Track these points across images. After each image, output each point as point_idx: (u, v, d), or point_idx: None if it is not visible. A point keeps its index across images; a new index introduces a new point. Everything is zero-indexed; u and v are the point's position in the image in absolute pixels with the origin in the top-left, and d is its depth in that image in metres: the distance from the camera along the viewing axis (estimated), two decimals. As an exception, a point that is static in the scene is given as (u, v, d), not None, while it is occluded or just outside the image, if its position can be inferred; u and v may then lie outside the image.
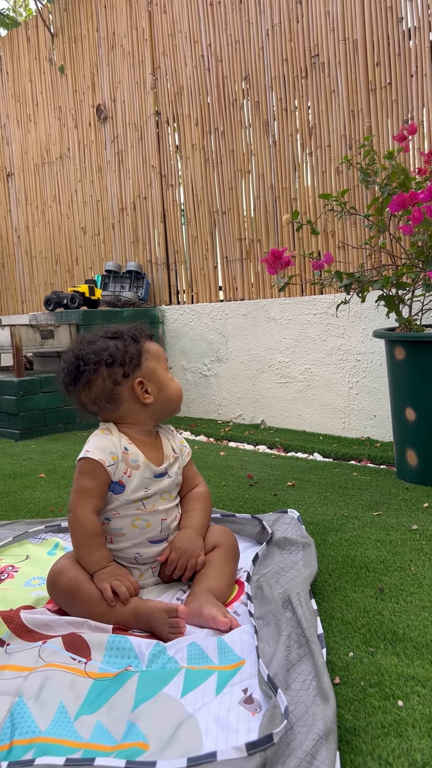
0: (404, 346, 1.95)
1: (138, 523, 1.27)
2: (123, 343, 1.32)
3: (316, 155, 2.91)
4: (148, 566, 1.30)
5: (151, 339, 1.39)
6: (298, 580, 1.22)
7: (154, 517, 1.29)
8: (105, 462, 1.24)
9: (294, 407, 3.04)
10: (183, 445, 1.42)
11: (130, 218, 3.92)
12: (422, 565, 1.38)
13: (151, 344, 1.37)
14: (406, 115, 2.58)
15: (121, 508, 1.26)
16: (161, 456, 1.33)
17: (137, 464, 1.27)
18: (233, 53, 3.21)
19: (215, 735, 0.83)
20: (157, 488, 1.30)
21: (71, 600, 1.17)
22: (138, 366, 1.31)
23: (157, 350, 1.36)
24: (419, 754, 0.81)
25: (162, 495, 1.31)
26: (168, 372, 1.38)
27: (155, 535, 1.29)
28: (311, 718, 0.84)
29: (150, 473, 1.29)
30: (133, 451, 1.28)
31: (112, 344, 1.30)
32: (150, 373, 1.33)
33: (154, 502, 1.29)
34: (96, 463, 1.23)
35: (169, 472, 1.33)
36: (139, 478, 1.27)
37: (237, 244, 3.30)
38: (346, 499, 1.90)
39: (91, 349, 1.30)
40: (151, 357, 1.34)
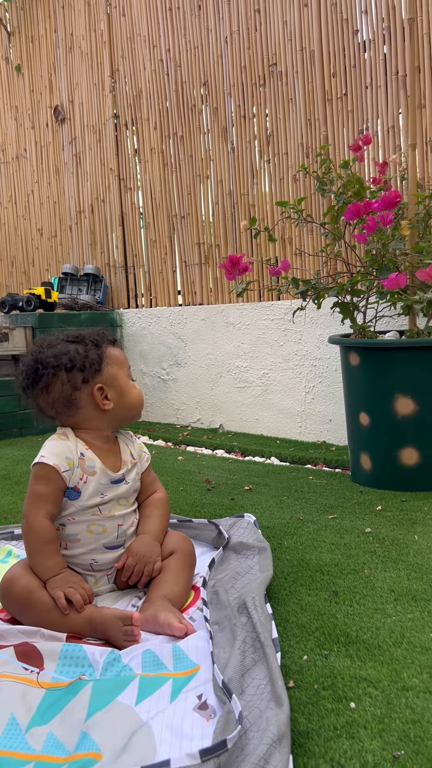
0: (358, 353, 1.98)
1: (94, 528, 1.26)
2: (84, 347, 1.30)
3: (273, 162, 2.94)
4: (104, 573, 1.29)
5: (114, 344, 1.38)
6: (254, 585, 1.23)
7: (111, 523, 1.28)
8: (60, 468, 1.22)
9: (252, 412, 3.06)
10: (142, 451, 1.41)
11: (88, 221, 3.89)
12: (375, 568, 1.41)
13: (113, 350, 1.35)
14: (361, 125, 2.63)
15: (77, 514, 1.25)
16: (119, 462, 1.32)
17: (93, 470, 1.26)
18: (192, 59, 3.22)
19: (169, 742, 0.83)
20: (113, 494, 1.29)
21: (24, 609, 1.15)
22: (98, 371, 1.30)
23: (119, 356, 1.35)
24: (370, 755, 0.83)
25: (119, 501, 1.30)
26: (129, 378, 1.36)
27: (111, 540, 1.28)
28: (265, 722, 0.84)
29: (107, 479, 1.28)
30: (89, 456, 1.27)
31: (72, 348, 1.29)
32: (110, 379, 1.31)
33: (111, 508, 1.28)
34: (51, 469, 1.22)
35: (127, 478, 1.32)
36: (95, 484, 1.26)
37: (196, 248, 3.31)
38: (302, 502, 1.92)
39: (51, 352, 1.28)
40: (112, 363, 1.32)
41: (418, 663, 1.03)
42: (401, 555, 1.47)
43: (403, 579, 1.35)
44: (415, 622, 1.17)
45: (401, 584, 1.32)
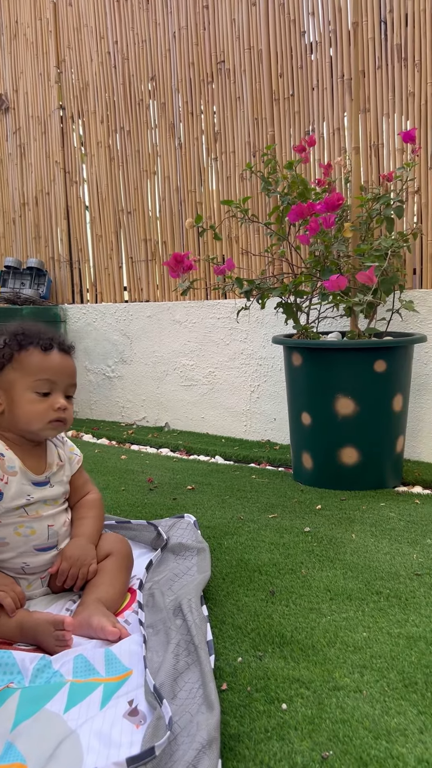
0: (301, 353, 2.00)
1: (22, 530, 1.22)
2: (26, 336, 1.24)
3: (221, 160, 2.93)
4: (37, 576, 1.26)
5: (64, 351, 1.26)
6: (191, 587, 1.22)
7: (39, 524, 1.24)
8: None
9: (198, 410, 3.05)
10: (73, 453, 1.38)
11: (32, 213, 3.80)
12: (312, 567, 1.42)
13: (34, 357, 1.22)
14: (307, 126, 2.65)
15: (3, 517, 1.21)
16: (43, 464, 1.29)
17: (14, 471, 1.22)
18: (140, 53, 3.18)
19: (97, 751, 0.81)
20: (39, 496, 1.25)
21: None
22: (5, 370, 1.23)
23: (34, 364, 1.22)
24: (300, 756, 0.83)
25: (46, 502, 1.27)
26: (37, 392, 1.22)
27: (42, 542, 1.25)
28: (195, 727, 0.84)
29: (28, 481, 1.24)
30: (9, 457, 1.22)
31: (12, 335, 1.24)
32: (6, 383, 1.23)
33: (38, 509, 1.25)
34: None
35: (52, 480, 1.29)
36: (17, 485, 1.22)
37: (142, 244, 3.28)
38: (244, 502, 1.93)
39: None
40: (19, 368, 1.22)
41: (350, 662, 1.05)
42: (338, 554, 1.49)
43: (339, 578, 1.36)
44: (349, 621, 1.18)
45: (337, 583, 1.34)
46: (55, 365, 1.24)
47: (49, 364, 1.23)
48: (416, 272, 2.36)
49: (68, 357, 1.28)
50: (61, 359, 1.25)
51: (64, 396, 1.25)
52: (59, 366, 1.24)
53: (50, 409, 1.22)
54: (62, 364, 1.25)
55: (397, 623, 1.17)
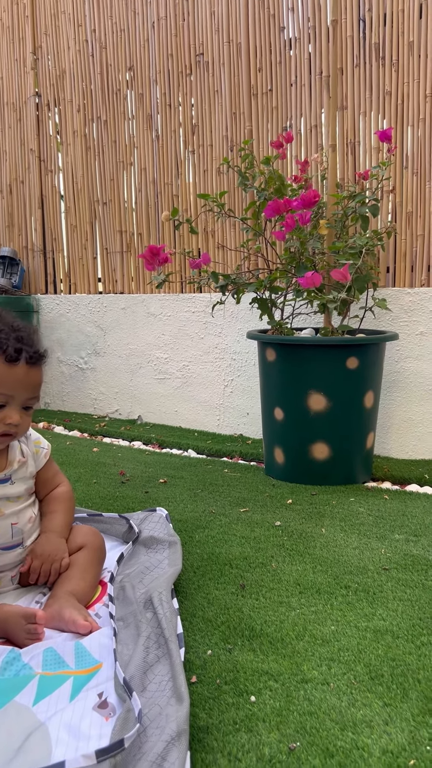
0: (275, 348, 2.01)
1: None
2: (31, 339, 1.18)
3: (198, 153, 2.92)
4: (6, 574, 1.25)
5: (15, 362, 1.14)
6: (162, 580, 1.22)
7: (3, 522, 1.21)
8: None
9: (171, 403, 3.05)
10: (39, 447, 1.33)
11: (6, 201, 3.74)
12: (282, 561, 1.44)
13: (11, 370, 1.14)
14: (285, 122, 2.65)
15: None
16: (2, 461, 1.24)
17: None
18: (118, 42, 3.15)
19: (66, 743, 0.81)
20: (1, 494, 1.22)
21: None
22: None
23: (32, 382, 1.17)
24: (267, 748, 0.84)
25: (9, 499, 1.24)
26: None
27: (6, 541, 1.22)
28: (165, 719, 0.84)
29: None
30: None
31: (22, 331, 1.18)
32: None
33: (1, 507, 1.22)
34: None
35: (13, 477, 1.25)
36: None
37: (118, 236, 3.26)
38: (216, 495, 1.94)
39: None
40: None
41: (318, 655, 1.06)
42: (308, 548, 1.51)
43: (308, 572, 1.38)
44: (317, 614, 1.20)
45: (306, 577, 1.35)
46: (18, 379, 1.14)
47: (11, 378, 1.14)
48: (389, 270, 2.39)
49: (36, 369, 1.18)
50: (26, 373, 1.15)
51: (23, 407, 1.18)
52: (22, 380, 1.15)
53: (1, 422, 1.15)
54: (26, 378, 1.16)
55: (364, 617, 1.19)
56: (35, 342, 1.20)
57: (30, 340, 1.19)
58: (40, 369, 1.20)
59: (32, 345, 1.18)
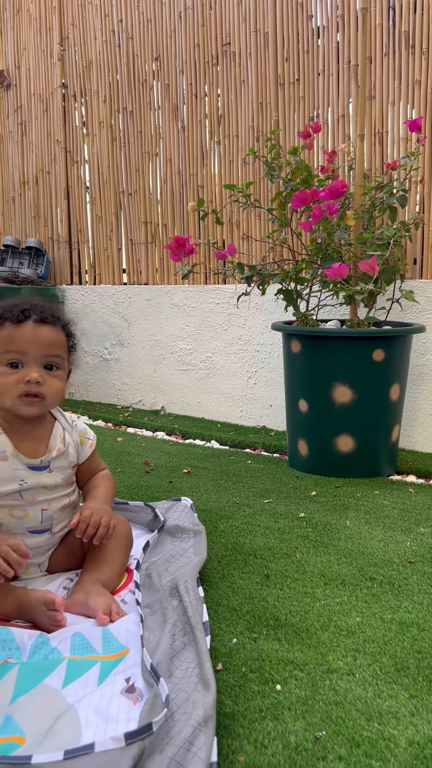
0: (300, 340, 2.00)
1: (15, 513, 1.21)
2: (5, 309, 1.18)
3: (224, 144, 2.91)
4: (33, 561, 1.26)
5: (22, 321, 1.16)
6: (187, 568, 1.23)
7: (33, 508, 1.22)
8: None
9: (194, 394, 3.05)
10: (85, 437, 1.32)
11: (32, 192, 3.77)
12: (307, 552, 1.44)
13: (6, 329, 1.16)
14: (312, 112, 2.63)
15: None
16: (42, 448, 1.23)
17: (4, 455, 1.19)
18: (145, 32, 3.14)
19: (95, 726, 0.83)
20: (35, 481, 1.21)
21: None
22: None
23: (4, 337, 1.16)
24: (293, 735, 0.85)
25: (45, 487, 1.23)
26: (4, 366, 1.16)
27: (35, 525, 1.23)
28: (191, 705, 0.85)
29: (22, 465, 1.20)
30: (1, 440, 1.19)
31: (1, 307, 1.19)
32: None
33: (34, 494, 1.21)
34: None
35: (51, 465, 1.24)
36: (9, 470, 1.19)
37: (143, 227, 3.26)
38: (239, 486, 1.94)
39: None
40: None
41: (343, 646, 1.06)
42: (332, 540, 1.51)
43: (333, 563, 1.38)
44: (342, 606, 1.20)
45: (331, 569, 1.35)
46: (25, 336, 1.16)
47: (19, 335, 1.16)
48: (417, 262, 2.37)
49: (46, 327, 1.18)
50: (33, 329, 1.17)
51: (42, 367, 1.18)
52: (30, 336, 1.16)
53: (20, 381, 1.15)
54: (35, 334, 1.16)
55: (390, 609, 1.19)
56: (48, 309, 1.21)
57: (41, 306, 1.20)
58: (52, 328, 1.20)
59: (42, 310, 1.20)
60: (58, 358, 1.20)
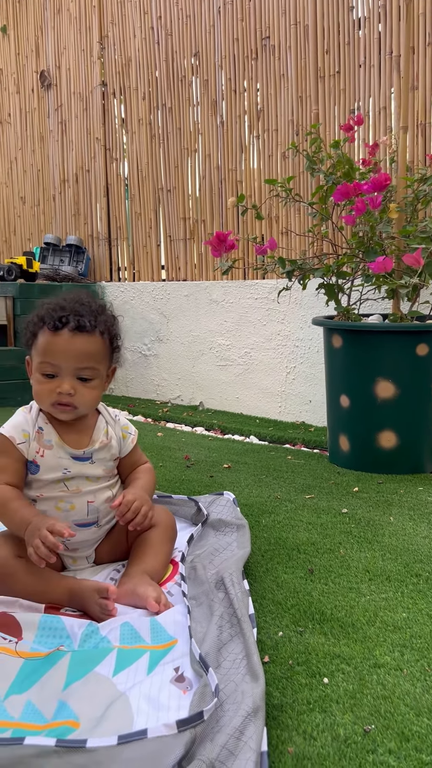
0: (341, 335, 1.99)
1: (62, 505, 1.23)
2: (48, 312, 1.20)
3: (263, 138, 2.91)
4: (82, 553, 1.28)
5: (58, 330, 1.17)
6: (231, 561, 1.24)
7: (79, 499, 1.24)
8: (15, 439, 1.21)
9: (232, 390, 3.06)
10: (127, 432, 1.34)
11: (72, 190, 3.82)
12: (351, 548, 1.43)
13: (43, 337, 1.18)
14: (353, 104, 2.61)
15: (44, 489, 1.23)
16: (85, 439, 1.26)
17: (50, 444, 1.23)
18: (184, 28, 3.15)
19: (146, 713, 0.84)
20: (78, 471, 1.24)
21: (2, 583, 1.14)
22: (31, 345, 1.22)
23: (40, 346, 1.18)
24: (342, 728, 0.85)
25: (88, 478, 1.26)
26: (42, 373, 1.19)
27: (82, 518, 1.25)
28: (240, 695, 0.86)
29: (66, 454, 1.24)
30: (47, 431, 1.23)
31: (46, 308, 1.21)
32: (31, 360, 1.24)
33: (78, 484, 1.24)
34: (6, 440, 1.21)
35: (94, 457, 1.27)
36: (53, 458, 1.22)
37: (181, 223, 3.28)
38: (280, 482, 1.94)
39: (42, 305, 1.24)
40: (34, 347, 1.22)
41: (390, 641, 1.06)
42: (376, 536, 1.50)
43: (377, 559, 1.37)
44: (388, 601, 1.19)
45: (376, 564, 1.35)
46: (60, 347, 1.17)
47: (53, 347, 1.17)
48: (460, 256, 2.32)
49: (82, 337, 1.18)
50: (68, 340, 1.17)
51: (77, 378, 1.19)
52: (64, 348, 1.17)
53: (53, 391, 1.18)
54: (69, 345, 1.17)
55: (436, 605, 1.18)
56: (89, 312, 1.20)
57: (82, 310, 1.20)
58: (89, 337, 1.19)
59: (82, 315, 1.19)
60: (92, 370, 1.21)
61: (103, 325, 1.22)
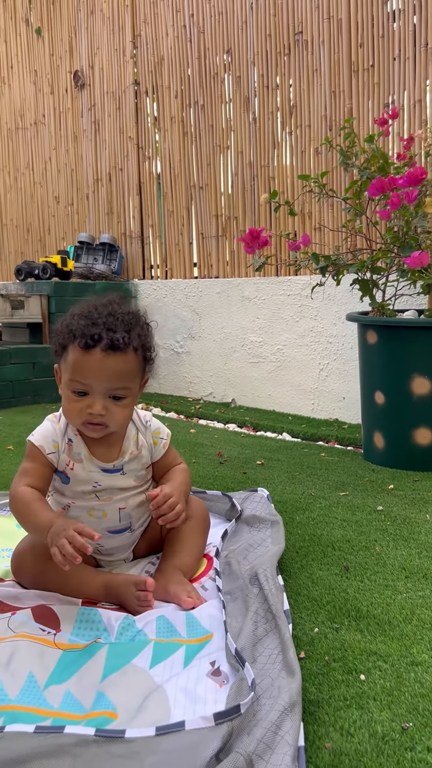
0: (376, 331, 1.97)
1: (94, 513, 1.23)
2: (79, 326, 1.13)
3: (296, 134, 2.89)
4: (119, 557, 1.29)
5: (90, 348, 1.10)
6: (266, 557, 1.24)
7: (111, 507, 1.23)
8: (45, 449, 1.19)
9: (265, 387, 3.06)
10: (158, 437, 1.29)
11: (105, 189, 3.85)
12: (386, 545, 1.42)
13: (74, 354, 1.12)
14: (387, 98, 2.57)
15: (76, 498, 1.22)
16: (115, 452, 1.22)
17: (80, 458, 1.20)
18: (216, 25, 3.16)
19: (183, 705, 0.85)
20: (109, 484, 1.22)
21: (38, 581, 1.16)
22: (60, 355, 1.17)
23: (71, 362, 1.13)
24: (380, 725, 0.84)
25: (120, 489, 1.24)
26: (72, 391, 1.14)
27: (114, 525, 1.25)
28: (277, 690, 0.86)
29: (96, 468, 1.21)
30: (77, 443, 1.20)
31: (77, 320, 1.14)
32: (60, 373, 1.19)
33: (110, 494, 1.23)
34: (35, 449, 1.19)
35: (125, 468, 1.23)
36: (84, 472, 1.20)
37: (213, 220, 3.28)
38: (314, 479, 1.93)
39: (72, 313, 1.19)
40: (64, 362, 1.16)
41: (427, 639, 1.05)
42: (413, 533, 1.48)
43: (414, 557, 1.36)
44: (425, 599, 1.18)
45: (412, 562, 1.33)
46: (91, 367, 1.11)
47: (85, 366, 1.11)
48: None
49: (115, 357, 1.11)
50: (101, 360, 1.10)
51: (109, 397, 1.14)
52: (96, 368, 1.11)
53: (83, 411, 1.13)
54: (101, 365, 1.11)
55: None
56: (123, 327, 1.13)
57: (115, 326, 1.12)
58: (121, 357, 1.12)
59: (115, 331, 1.12)
60: (125, 390, 1.15)
61: (137, 339, 1.15)
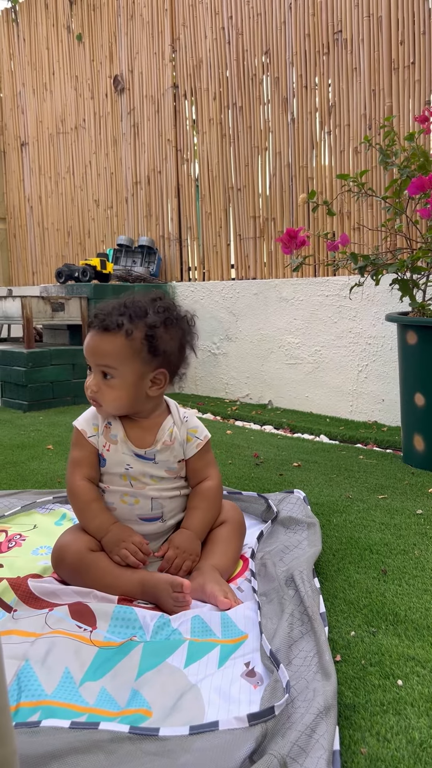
0: (417, 331, 1.94)
1: (127, 499, 1.26)
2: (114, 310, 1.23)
3: (334, 134, 2.87)
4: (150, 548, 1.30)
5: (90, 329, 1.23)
6: (302, 559, 1.23)
7: (143, 494, 1.26)
8: (86, 432, 1.26)
9: (302, 389, 3.04)
10: (194, 435, 1.31)
11: (144, 192, 3.89)
12: (426, 550, 1.39)
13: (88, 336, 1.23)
14: (428, 95, 2.53)
15: (111, 482, 1.27)
16: (150, 439, 1.26)
17: (115, 440, 1.25)
18: (254, 26, 3.15)
19: (217, 705, 0.85)
20: (140, 469, 1.25)
21: (77, 574, 1.18)
22: None
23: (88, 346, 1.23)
24: (417, 732, 0.83)
25: (151, 477, 1.26)
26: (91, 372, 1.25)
27: (146, 513, 1.27)
28: (312, 693, 0.85)
29: (129, 451, 1.25)
30: (115, 425, 1.26)
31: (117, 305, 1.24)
32: None
33: (142, 483, 1.26)
34: (79, 433, 1.27)
35: (157, 457, 1.26)
36: (117, 454, 1.25)
37: (251, 221, 3.28)
38: (352, 481, 1.91)
39: None
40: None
41: (468, 646, 1.02)
42: (453, 538, 1.45)
43: (454, 562, 1.33)
44: (466, 605, 1.15)
45: (452, 567, 1.30)
46: (86, 344, 1.24)
47: (85, 343, 1.25)
48: None
49: (101, 336, 1.20)
50: (90, 338, 1.23)
51: (101, 375, 1.22)
52: (86, 345, 1.23)
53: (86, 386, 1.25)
54: (88, 343, 1.23)
55: None
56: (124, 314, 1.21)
57: (119, 311, 1.22)
58: (108, 336, 1.20)
59: (116, 315, 1.21)
60: (109, 368, 1.20)
61: (140, 325, 1.21)
